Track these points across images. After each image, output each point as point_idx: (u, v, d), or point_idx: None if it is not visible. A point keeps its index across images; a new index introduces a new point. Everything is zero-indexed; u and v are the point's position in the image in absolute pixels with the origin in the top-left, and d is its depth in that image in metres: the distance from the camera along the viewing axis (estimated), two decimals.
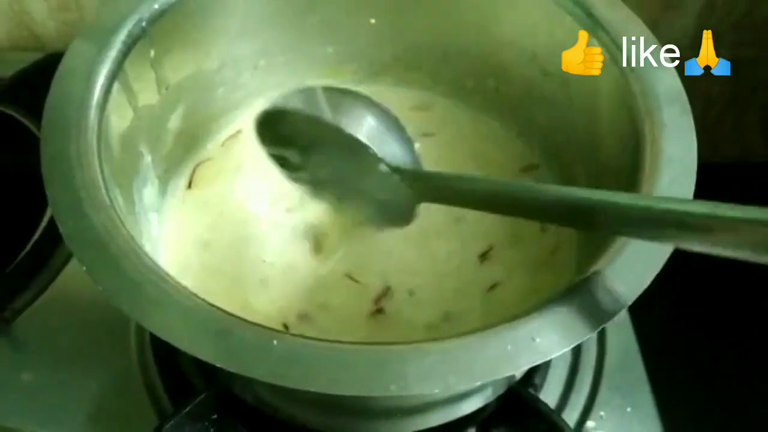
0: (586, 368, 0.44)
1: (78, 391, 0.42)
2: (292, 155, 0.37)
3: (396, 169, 0.33)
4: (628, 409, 0.42)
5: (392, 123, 0.34)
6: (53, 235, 0.48)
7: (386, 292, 0.39)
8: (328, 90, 0.34)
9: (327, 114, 0.33)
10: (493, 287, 0.40)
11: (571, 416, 0.42)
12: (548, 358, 0.25)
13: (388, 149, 0.33)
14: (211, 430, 0.40)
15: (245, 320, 0.26)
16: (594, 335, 0.45)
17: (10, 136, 0.53)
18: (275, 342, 0.25)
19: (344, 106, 0.33)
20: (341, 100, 0.34)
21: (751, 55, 0.62)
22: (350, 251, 0.41)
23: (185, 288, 0.27)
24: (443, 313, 0.39)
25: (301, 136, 0.35)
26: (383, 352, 0.25)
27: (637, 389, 0.43)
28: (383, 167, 0.33)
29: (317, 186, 0.39)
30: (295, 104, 0.33)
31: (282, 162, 0.37)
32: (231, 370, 0.24)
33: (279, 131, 0.35)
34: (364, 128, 0.33)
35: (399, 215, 0.36)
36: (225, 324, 0.26)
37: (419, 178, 0.34)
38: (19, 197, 0.50)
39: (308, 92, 0.33)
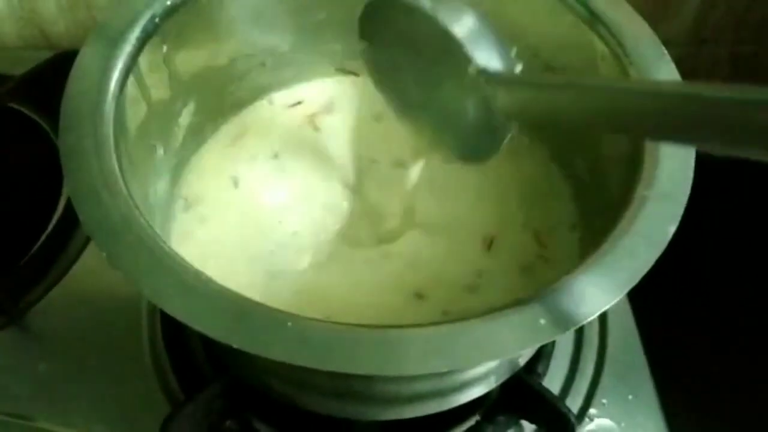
0: (589, 357, 0.45)
1: (91, 380, 0.43)
2: (384, 58, 0.37)
3: (484, 72, 0.31)
4: (630, 397, 0.43)
5: (489, 29, 0.32)
6: (66, 229, 0.49)
7: None
8: None
9: (425, 5, 0.32)
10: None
11: (574, 403, 0.43)
12: (555, 338, 0.26)
13: (482, 54, 0.32)
14: (222, 417, 0.41)
15: (261, 303, 0.27)
16: (596, 323, 0.46)
17: (22, 133, 0.54)
18: (289, 324, 0.26)
19: (444, 3, 0.33)
20: None
21: (750, 52, 0.63)
22: None
23: (203, 273, 0.28)
24: None
25: (396, 34, 0.35)
26: (396, 332, 0.26)
27: (638, 377, 0.44)
28: (472, 69, 0.31)
29: (402, 101, 0.38)
30: None
31: (375, 66, 0.38)
32: (248, 350, 0.25)
33: (377, 28, 0.36)
34: (460, 26, 0.32)
35: (485, 144, 0.34)
36: (241, 307, 0.27)
37: (510, 82, 0.31)
38: (32, 192, 0.51)
39: None
